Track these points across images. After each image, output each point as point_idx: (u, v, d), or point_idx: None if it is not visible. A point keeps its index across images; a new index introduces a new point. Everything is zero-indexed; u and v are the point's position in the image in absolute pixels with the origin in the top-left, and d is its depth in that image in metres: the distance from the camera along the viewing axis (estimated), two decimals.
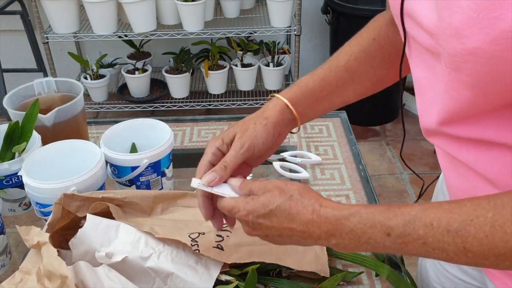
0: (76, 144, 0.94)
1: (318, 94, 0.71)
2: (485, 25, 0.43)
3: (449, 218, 0.49)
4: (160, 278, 0.72)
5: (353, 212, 0.54)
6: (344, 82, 0.72)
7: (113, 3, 2.21)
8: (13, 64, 2.64)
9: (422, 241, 0.50)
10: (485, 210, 0.47)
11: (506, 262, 0.47)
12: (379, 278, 0.81)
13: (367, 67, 0.72)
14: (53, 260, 0.66)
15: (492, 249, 0.46)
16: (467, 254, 0.48)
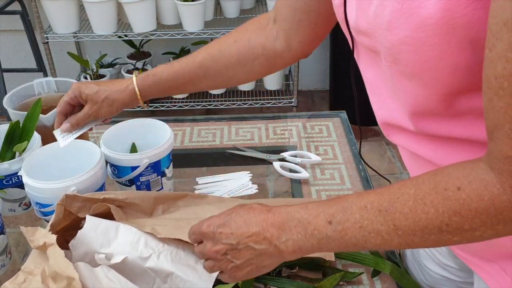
0: (76, 144, 0.94)
1: (170, 84, 0.83)
2: (409, 14, 0.46)
3: (379, 199, 0.53)
4: (160, 278, 0.72)
5: (302, 206, 0.58)
6: (197, 77, 0.81)
7: (113, 3, 2.21)
8: (13, 64, 2.64)
9: (359, 224, 0.54)
10: (408, 188, 0.52)
11: (432, 236, 0.50)
12: (378, 277, 0.81)
13: (221, 67, 0.81)
14: (60, 261, 0.66)
15: (416, 221, 0.50)
16: (398, 232, 0.52)
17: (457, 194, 0.48)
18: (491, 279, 0.65)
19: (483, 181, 0.47)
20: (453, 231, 0.49)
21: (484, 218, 0.47)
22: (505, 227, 0.47)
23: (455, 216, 0.48)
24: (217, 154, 1.14)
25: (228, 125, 1.24)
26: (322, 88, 2.94)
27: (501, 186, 0.46)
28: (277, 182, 1.04)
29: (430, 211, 0.49)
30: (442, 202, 0.49)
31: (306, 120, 1.25)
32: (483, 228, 0.48)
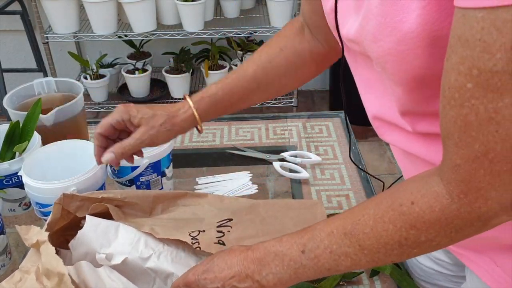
0: (76, 144, 0.94)
1: (226, 103, 0.78)
2: (392, 28, 0.48)
3: (344, 223, 0.56)
4: (160, 279, 0.72)
5: (277, 240, 0.61)
6: (251, 91, 0.79)
7: (113, 3, 2.21)
8: (13, 64, 2.64)
9: (329, 250, 0.56)
10: (368, 209, 0.55)
11: (394, 251, 0.53)
12: (378, 277, 0.81)
13: (273, 77, 0.79)
14: (51, 259, 0.66)
15: (378, 239, 0.53)
16: (364, 252, 0.55)
17: (411, 209, 0.51)
18: (482, 271, 0.67)
19: (434, 193, 0.49)
20: (412, 244, 0.52)
21: (438, 228, 0.50)
22: (457, 234, 0.50)
23: (412, 229, 0.51)
24: (217, 154, 1.14)
25: (228, 125, 1.24)
26: (322, 88, 2.94)
27: (450, 196, 0.48)
28: (277, 182, 1.04)
29: (389, 228, 0.52)
30: (399, 218, 0.52)
31: (306, 120, 1.25)
32: (438, 238, 0.51)
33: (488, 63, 0.40)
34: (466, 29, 0.41)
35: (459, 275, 0.81)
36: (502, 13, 0.38)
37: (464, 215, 0.48)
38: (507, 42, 0.38)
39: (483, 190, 0.46)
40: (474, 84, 0.42)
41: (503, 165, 0.44)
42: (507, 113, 0.41)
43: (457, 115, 0.44)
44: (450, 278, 0.83)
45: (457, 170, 0.46)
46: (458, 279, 0.82)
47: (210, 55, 2.51)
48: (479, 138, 0.43)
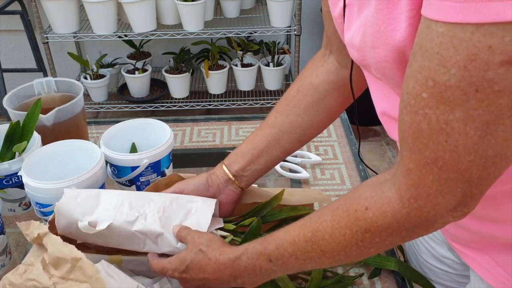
0: (76, 144, 0.94)
1: (252, 152, 0.79)
2: (386, 36, 0.50)
3: (304, 230, 0.60)
4: (150, 239, 0.73)
5: (243, 252, 0.65)
6: (274, 137, 0.79)
7: (113, 3, 2.21)
8: (13, 64, 2.64)
9: (294, 256, 0.61)
10: (325, 215, 0.59)
11: (353, 252, 0.57)
12: (378, 278, 0.81)
13: (294, 117, 0.79)
14: (60, 247, 0.66)
15: (337, 244, 0.57)
16: (326, 255, 0.59)
17: (365, 214, 0.54)
18: (484, 271, 0.67)
19: (386, 199, 0.53)
20: (368, 245, 0.56)
21: (390, 231, 0.53)
22: (408, 233, 0.54)
23: (366, 233, 0.55)
24: (217, 154, 1.13)
25: (228, 125, 1.24)
26: None
27: (401, 201, 0.51)
28: (277, 182, 1.04)
29: (346, 233, 0.56)
30: (355, 223, 0.55)
31: None
32: (391, 238, 0.54)
33: (443, 76, 0.42)
34: (427, 41, 0.42)
35: (464, 274, 0.82)
36: (460, 32, 0.39)
37: (414, 218, 0.51)
38: (461, 60, 0.40)
39: (431, 196, 0.49)
40: (428, 94, 0.43)
41: (450, 173, 0.46)
42: (457, 126, 0.43)
43: (412, 121, 0.46)
44: (455, 278, 0.84)
45: (409, 174, 0.49)
46: (462, 279, 0.83)
47: (210, 55, 2.51)
48: (430, 145, 0.46)
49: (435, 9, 0.41)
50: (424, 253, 0.87)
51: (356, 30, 0.57)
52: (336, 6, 0.63)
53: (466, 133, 0.43)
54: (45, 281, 0.66)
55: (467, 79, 0.40)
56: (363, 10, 0.56)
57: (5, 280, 0.68)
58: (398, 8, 0.48)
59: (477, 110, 0.41)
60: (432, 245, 0.85)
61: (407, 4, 0.46)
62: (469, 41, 0.39)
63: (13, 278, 0.68)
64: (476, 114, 0.42)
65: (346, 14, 0.60)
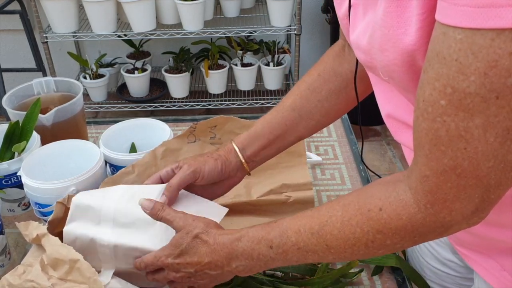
0: (75, 144, 0.93)
1: (268, 137, 0.77)
2: (396, 39, 0.49)
3: (311, 222, 0.59)
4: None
5: (243, 234, 0.63)
6: (293, 121, 0.77)
7: (113, 2, 2.21)
8: (12, 63, 2.64)
9: (296, 247, 0.59)
10: (335, 210, 0.58)
11: (361, 252, 0.56)
12: (378, 278, 0.81)
13: (314, 102, 0.77)
14: (58, 248, 0.66)
15: (345, 241, 0.56)
16: (331, 251, 0.57)
17: (379, 215, 0.53)
18: (488, 274, 0.67)
19: (402, 202, 0.52)
20: (377, 246, 0.55)
21: (403, 234, 0.53)
22: (420, 238, 0.53)
23: (378, 234, 0.54)
24: None
25: None
26: None
27: (417, 205, 0.50)
28: None
29: (357, 231, 0.55)
30: (367, 222, 0.54)
31: None
32: (403, 242, 0.54)
33: (462, 83, 0.41)
34: (445, 47, 0.42)
35: (467, 277, 0.81)
36: (479, 39, 0.39)
37: (429, 223, 0.51)
38: (481, 67, 0.40)
39: (448, 202, 0.48)
40: (447, 101, 0.43)
41: (468, 180, 0.46)
42: (476, 133, 0.43)
43: (429, 128, 0.46)
44: (458, 281, 0.84)
45: (426, 181, 0.48)
46: (465, 282, 0.82)
47: (210, 54, 2.51)
48: (448, 153, 0.45)
49: (451, 14, 0.40)
50: (427, 256, 0.87)
51: (362, 31, 0.57)
52: (341, 6, 0.63)
53: (486, 139, 0.43)
54: (43, 282, 0.65)
55: (487, 86, 0.40)
56: (368, 11, 0.55)
57: (3, 281, 0.68)
58: (408, 11, 0.47)
59: (497, 117, 0.41)
60: (435, 247, 0.84)
61: (418, 7, 0.46)
62: (489, 47, 0.38)
63: (12, 279, 0.68)
64: (496, 120, 0.41)
65: (351, 15, 0.60)
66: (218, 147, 0.83)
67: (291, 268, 0.79)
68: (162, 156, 0.86)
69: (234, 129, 0.92)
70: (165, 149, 0.87)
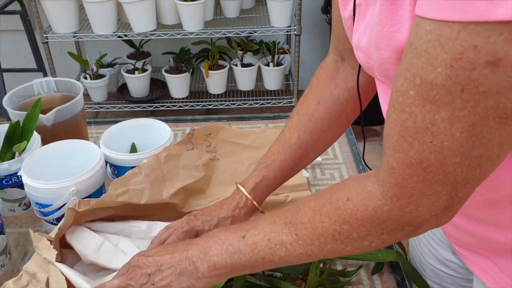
0: (76, 144, 0.94)
1: (279, 180, 0.78)
2: (390, 37, 0.49)
3: (286, 213, 0.59)
4: None
5: (226, 226, 0.64)
6: (300, 158, 0.78)
7: (113, 3, 2.21)
8: (12, 64, 2.64)
9: (267, 237, 0.58)
10: (309, 201, 0.58)
11: (328, 246, 0.55)
12: (378, 277, 0.81)
13: (318, 133, 0.77)
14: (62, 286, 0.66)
15: (314, 230, 0.55)
16: (299, 242, 0.56)
17: (346, 204, 0.53)
18: (486, 276, 0.67)
19: (369, 193, 0.51)
20: (344, 239, 0.54)
21: (369, 227, 0.52)
22: (389, 236, 0.52)
23: (345, 224, 0.53)
24: None
25: (228, 125, 1.24)
26: None
27: (383, 197, 0.50)
28: None
29: (325, 220, 0.55)
30: (334, 212, 0.54)
31: None
32: (370, 237, 0.53)
33: (430, 75, 0.41)
34: (417, 38, 0.42)
35: (468, 278, 0.81)
36: (447, 31, 0.39)
37: (395, 217, 0.50)
38: (448, 59, 0.40)
39: (414, 197, 0.48)
40: (416, 92, 0.43)
41: (435, 175, 0.45)
42: (442, 126, 0.42)
43: (398, 119, 0.46)
44: (458, 282, 0.84)
45: (392, 173, 0.48)
46: (466, 283, 0.82)
47: (210, 55, 2.51)
48: (415, 145, 0.45)
49: (425, 7, 0.41)
50: (427, 256, 0.87)
51: (363, 31, 0.57)
52: (346, 7, 0.63)
53: (452, 134, 0.42)
54: None
55: (453, 78, 0.40)
56: (367, 10, 0.56)
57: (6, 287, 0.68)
58: (402, 9, 0.47)
59: (462, 111, 0.41)
60: (436, 248, 0.84)
61: (411, 5, 0.46)
62: (456, 40, 0.39)
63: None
64: (461, 114, 0.41)
65: (356, 15, 0.60)
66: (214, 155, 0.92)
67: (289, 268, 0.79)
68: (165, 161, 0.88)
69: (227, 137, 0.99)
70: (167, 154, 0.89)
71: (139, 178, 0.83)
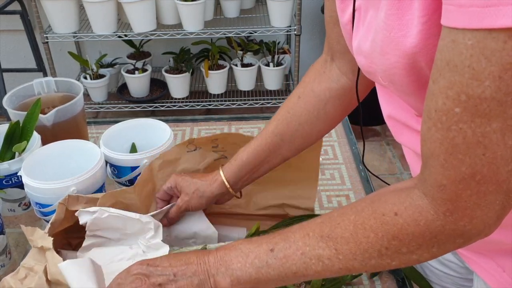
0: (76, 144, 0.94)
1: (253, 164, 0.79)
2: (397, 42, 0.49)
3: (321, 226, 0.55)
4: None
5: (246, 239, 0.60)
6: (275, 146, 0.79)
7: (113, 3, 2.21)
8: (13, 64, 2.64)
9: (300, 251, 0.55)
10: (348, 215, 0.54)
11: (372, 261, 0.52)
12: (378, 278, 0.81)
13: (295, 126, 0.78)
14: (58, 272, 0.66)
15: (358, 245, 0.52)
16: (339, 257, 0.53)
17: (395, 220, 0.51)
18: (488, 276, 0.67)
19: (418, 207, 0.50)
20: (392, 254, 0.52)
21: (421, 241, 0.50)
22: (439, 249, 0.51)
23: (394, 240, 0.51)
24: None
25: (228, 125, 1.24)
26: None
27: (435, 212, 0.49)
28: None
29: (370, 236, 0.52)
30: (381, 227, 0.51)
31: None
32: (419, 251, 0.51)
33: (477, 89, 0.41)
34: (455, 55, 0.41)
35: (467, 278, 0.81)
36: (491, 43, 0.39)
37: (448, 231, 0.49)
38: (496, 71, 0.39)
39: (469, 210, 0.47)
40: (462, 109, 0.42)
41: (488, 186, 0.45)
42: (494, 137, 0.42)
43: (444, 137, 0.45)
44: (458, 281, 0.84)
45: (443, 190, 0.47)
46: (465, 282, 0.82)
47: (210, 55, 2.51)
48: (466, 160, 0.44)
49: (459, 17, 0.40)
50: None
51: (364, 35, 0.57)
52: (344, 12, 0.63)
53: (504, 143, 0.42)
54: None
55: (503, 90, 0.40)
56: (367, 14, 0.55)
57: (4, 283, 0.68)
58: (409, 14, 0.47)
59: None
60: None
61: (419, 9, 0.45)
62: (502, 50, 0.38)
63: (13, 283, 0.67)
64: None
65: (355, 20, 0.60)
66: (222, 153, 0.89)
67: None
68: (159, 169, 0.86)
69: (238, 142, 0.87)
70: (162, 161, 0.86)
71: (130, 195, 0.81)
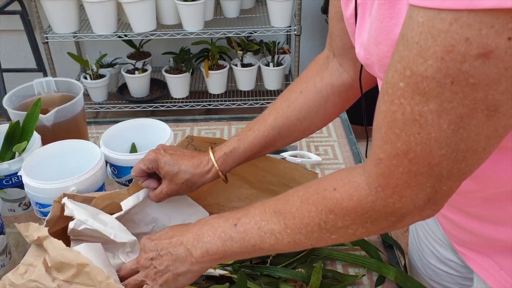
0: (76, 144, 0.94)
1: (248, 154, 0.79)
2: (388, 31, 0.50)
3: (276, 202, 0.60)
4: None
5: (220, 214, 0.65)
6: (272, 140, 0.79)
7: (113, 3, 2.21)
8: (13, 64, 2.64)
9: (257, 226, 0.60)
10: (298, 191, 0.59)
11: (314, 234, 0.56)
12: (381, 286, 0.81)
13: (294, 121, 0.78)
14: (64, 252, 0.66)
15: (301, 219, 0.56)
16: (287, 231, 0.58)
17: (332, 194, 0.54)
18: (486, 274, 0.67)
19: (355, 183, 0.53)
20: (330, 228, 0.55)
21: (354, 216, 0.53)
22: (372, 225, 0.53)
23: (330, 214, 0.54)
24: None
25: (228, 125, 1.24)
26: None
27: (368, 187, 0.51)
28: None
29: (312, 210, 0.56)
30: (321, 201, 0.55)
31: None
32: (354, 226, 0.54)
33: (420, 67, 0.42)
34: (408, 30, 0.42)
35: (467, 277, 0.81)
36: (439, 23, 0.39)
37: (378, 208, 0.51)
38: (439, 51, 0.40)
39: (399, 187, 0.48)
40: (405, 84, 0.43)
41: (420, 167, 0.46)
42: (430, 118, 0.43)
43: (387, 110, 0.46)
44: (459, 280, 0.84)
45: (379, 164, 0.49)
46: (466, 281, 0.83)
47: (210, 55, 2.51)
48: (402, 136, 0.45)
49: None
50: (428, 255, 0.87)
51: (366, 28, 0.57)
52: (347, 6, 0.63)
53: (439, 125, 0.43)
54: (48, 283, 0.65)
55: (443, 71, 0.40)
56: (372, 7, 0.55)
57: (5, 280, 0.68)
58: (400, 3, 0.48)
59: (451, 103, 0.41)
60: (436, 247, 0.84)
61: None
62: (447, 32, 0.39)
63: (14, 278, 0.67)
64: (450, 106, 0.41)
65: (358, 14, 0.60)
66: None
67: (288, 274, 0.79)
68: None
69: None
70: None
71: (125, 197, 0.81)
